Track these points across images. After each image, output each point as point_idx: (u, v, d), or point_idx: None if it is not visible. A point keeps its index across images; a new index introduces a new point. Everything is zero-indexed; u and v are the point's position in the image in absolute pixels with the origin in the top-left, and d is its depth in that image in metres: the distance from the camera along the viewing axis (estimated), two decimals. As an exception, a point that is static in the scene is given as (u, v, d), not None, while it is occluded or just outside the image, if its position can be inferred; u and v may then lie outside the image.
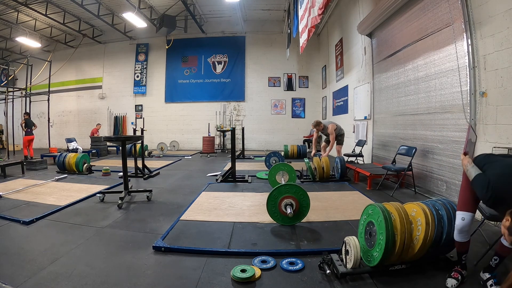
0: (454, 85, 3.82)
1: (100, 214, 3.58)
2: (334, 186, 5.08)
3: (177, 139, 12.23)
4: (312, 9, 5.98)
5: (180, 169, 7.25)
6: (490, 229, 2.91)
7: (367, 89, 6.89)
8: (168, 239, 2.72)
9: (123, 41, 12.96)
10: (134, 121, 12.77)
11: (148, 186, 4.83)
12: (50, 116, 10.46)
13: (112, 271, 2.19)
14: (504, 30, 2.95)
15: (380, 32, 6.22)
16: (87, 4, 9.61)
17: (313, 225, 3.13)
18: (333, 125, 6.36)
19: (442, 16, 4.06)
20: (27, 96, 8.84)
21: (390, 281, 2.00)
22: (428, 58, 4.48)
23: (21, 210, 3.68)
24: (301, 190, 3.08)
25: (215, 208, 3.75)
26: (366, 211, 2.24)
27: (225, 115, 12.53)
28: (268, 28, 12.36)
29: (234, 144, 5.69)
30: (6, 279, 2.03)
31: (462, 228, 1.92)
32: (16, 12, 10.26)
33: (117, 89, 13.26)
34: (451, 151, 3.93)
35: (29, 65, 8.92)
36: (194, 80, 12.87)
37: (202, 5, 11.08)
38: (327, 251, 2.28)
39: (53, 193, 4.60)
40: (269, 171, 4.92)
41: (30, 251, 2.51)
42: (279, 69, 12.54)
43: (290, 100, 12.66)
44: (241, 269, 2.11)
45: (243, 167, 7.03)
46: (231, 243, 2.67)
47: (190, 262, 2.34)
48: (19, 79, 12.85)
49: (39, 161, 7.27)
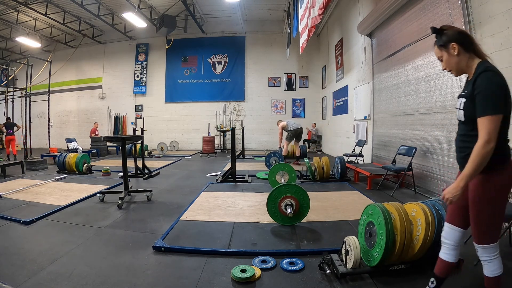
0: (454, 85, 3.82)
1: (100, 214, 3.58)
2: (334, 186, 5.08)
3: (177, 139, 12.23)
4: (312, 9, 5.98)
5: (180, 169, 7.25)
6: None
7: (367, 89, 6.89)
8: (168, 239, 2.72)
9: (123, 41, 12.97)
10: (134, 121, 12.78)
11: (148, 186, 4.83)
12: (50, 116, 10.45)
13: (112, 271, 2.19)
14: (504, 30, 2.96)
15: (380, 32, 6.22)
16: (87, 4, 9.62)
17: (313, 225, 3.13)
18: (283, 123, 7.88)
19: (442, 16, 4.06)
20: (27, 96, 8.82)
21: (390, 281, 2.00)
22: (428, 58, 4.48)
23: (21, 210, 3.68)
24: (301, 190, 3.08)
25: (215, 208, 3.75)
26: (366, 211, 2.23)
27: (225, 115, 12.53)
28: (268, 28, 12.37)
29: (234, 144, 5.69)
30: (6, 279, 2.03)
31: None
32: (16, 12, 10.27)
33: (117, 89, 13.27)
34: (451, 151, 3.93)
35: (29, 65, 8.90)
36: (194, 80, 12.88)
37: (202, 5, 11.08)
38: (327, 251, 2.28)
39: (53, 193, 4.60)
40: (269, 171, 4.91)
41: (30, 251, 2.50)
42: (279, 69, 12.54)
43: (290, 100, 12.66)
44: (241, 269, 2.11)
45: (243, 167, 7.03)
46: (231, 243, 2.67)
47: (190, 262, 2.34)
48: (19, 79, 12.85)
49: (39, 161, 7.27)
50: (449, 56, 1.53)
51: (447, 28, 1.54)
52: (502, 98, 1.36)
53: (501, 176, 1.43)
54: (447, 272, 1.67)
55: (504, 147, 1.43)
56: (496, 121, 1.34)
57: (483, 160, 1.35)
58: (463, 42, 1.49)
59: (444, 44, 1.53)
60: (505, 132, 1.42)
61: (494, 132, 1.34)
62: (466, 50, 1.49)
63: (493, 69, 1.41)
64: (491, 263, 1.53)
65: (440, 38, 1.55)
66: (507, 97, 1.38)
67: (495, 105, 1.35)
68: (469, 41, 1.50)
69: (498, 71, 1.41)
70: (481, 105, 1.37)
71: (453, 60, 1.53)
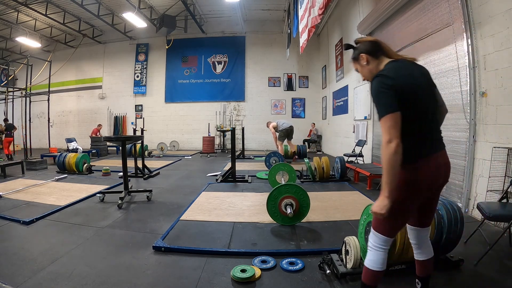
0: (454, 85, 3.82)
1: (100, 214, 3.58)
2: (334, 186, 5.07)
3: (177, 139, 12.23)
4: (312, 9, 5.98)
5: (180, 169, 7.25)
6: (490, 229, 2.91)
7: (367, 89, 6.88)
8: (168, 239, 2.72)
9: (123, 41, 12.96)
10: (134, 121, 12.78)
11: (148, 186, 4.83)
12: (50, 116, 10.45)
13: (112, 271, 2.19)
14: (504, 30, 2.95)
15: (380, 32, 6.22)
16: (87, 4, 9.62)
17: (313, 225, 3.13)
18: (273, 124, 8.03)
19: (442, 16, 4.05)
20: (27, 96, 8.82)
21: (390, 281, 2.00)
22: (428, 58, 4.48)
23: (21, 210, 3.67)
24: (301, 190, 3.08)
25: (215, 208, 3.75)
26: (366, 211, 2.23)
27: (225, 115, 12.53)
28: (268, 28, 12.37)
29: (234, 144, 5.68)
30: (6, 279, 2.03)
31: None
32: (16, 12, 10.27)
33: (117, 89, 13.27)
34: (451, 151, 3.93)
35: (29, 65, 8.90)
36: (194, 80, 12.88)
37: (202, 5, 11.08)
38: (327, 251, 2.28)
39: (53, 193, 4.60)
40: (269, 171, 4.91)
41: (30, 251, 2.50)
42: (279, 69, 12.54)
43: (290, 100, 12.66)
44: (241, 269, 2.11)
45: (243, 167, 7.03)
46: (231, 243, 2.67)
47: (190, 262, 2.34)
48: (19, 79, 12.85)
49: (39, 161, 7.27)
50: (361, 67, 1.59)
51: (358, 42, 1.61)
52: (389, 98, 1.35)
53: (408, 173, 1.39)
54: (419, 269, 1.66)
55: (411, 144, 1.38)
56: (391, 120, 1.33)
57: (389, 159, 1.32)
58: (370, 51, 1.54)
59: (356, 57, 1.60)
60: (412, 129, 1.38)
61: (392, 130, 1.32)
62: (375, 57, 1.54)
63: (381, 73, 1.43)
64: (371, 252, 1.53)
65: (353, 53, 1.62)
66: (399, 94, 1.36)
67: (384, 106, 1.36)
68: (375, 48, 1.54)
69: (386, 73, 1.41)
70: (376, 109, 1.40)
71: (365, 70, 1.58)
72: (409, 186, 1.40)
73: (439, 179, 1.48)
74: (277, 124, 7.95)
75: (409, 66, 1.47)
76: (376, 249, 1.51)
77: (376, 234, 1.52)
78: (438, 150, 1.47)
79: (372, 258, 1.52)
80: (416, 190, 1.42)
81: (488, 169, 3.12)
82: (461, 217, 2.14)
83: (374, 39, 1.58)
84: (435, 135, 1.48)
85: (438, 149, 1.47)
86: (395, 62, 1.49)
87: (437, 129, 1.51)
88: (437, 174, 1.45)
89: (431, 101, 1.49)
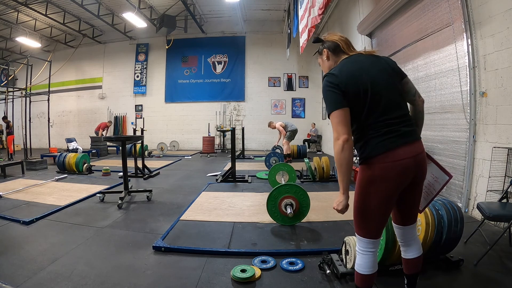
0: (454, 85, 3.81)
1: (100, 214, 3.58)
2: (334, 186, 5.07)
3: (177, 139, 12.23)
4: (312, 9, 5.98)
5: (180, 169, 7.25)
6: (490, 229, 2.91)
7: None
8: (168, 239, 2.72)
9: (123, 41, 12.96)
10: (134, 121, 12.77)
11: (148, 186, 4.83)
12: (50, 116, 10.45)
13: (112, 271, 2.19)
14: (504, 30, 2.95)
15: (380, 32, 6.22)
16: (87, 4, 9.61)
17: (313, 225, 3.13)
18: (281, 123, 8.34)
19: (442, 16, 4.05)
20: (27, 96, 8.82)
21: (390, 281, 2.00)
22: (428, 58, 4.48)
23: (21, 210, 3.68)
24: (301, 190, 3.08)
25: (215, 208, 3.75)
26: (366, 211, 2.23)
27: (225, 115, 12.53)
28: (268, 28, 12.36)
29: (234, 144, 5.69)
30: (6, 279, 2.03)
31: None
32: (16, 12, 10.26)
33: (117, 89, 13.26)
34: (451, 151, 3.93)
35: (29, 65, 8.90)
36: (194, 80, 12.87)
37: (202, 5, 11.08)
38: (327, 251, 2.28)
39: (53, 193, 4.60)
40: (269, 171, 4.92)
41: (30, 251, 2.50)
42: (279, 69, 12.53)
43: (290, 100, 12.66)
44: (241, 269, 2.11)
45: (243, 167, 7.03)
46: (231, 243, 2.67)
47: (190, 262, 2.34)
48: (19, 79, 12.84)
49: (39, 161, 7.26)
50: (322, 61, 1.65)
51: (326, 37, 1.63)
52: (334, 95, 1.38)
53: (370, 170, 1.38)
54: (406, 267, 1.65)
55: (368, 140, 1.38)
56: (338, 116, 1.35)
57: (337, 157, 1.34)
58: (331, 47, 1.58)
59: (320, 52, 1.65)
60: (367, 124, 1.38)
61: (339, 127, 1.33)
62: (334, 53, 1.58)
63: (330, 71, 1.46)
64: (359, 256, 1.51)
65: (319, 47, 1.66)
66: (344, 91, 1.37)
67: (330, 103, 1.38)
68: (336, 45, 1.57)
69: (333, 71, 1.44)
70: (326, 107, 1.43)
71: (325, 65, 1.63)
72: (372, 183, 1.38)
73: (409, 173, 1.38)
74: (285, 124, 8.29)
75: (361, 61, 1.47)
76: (364, 253, 1.49)
77: (359, 238, 1.50)
78: (408, 143, 1.38)
79: (360, 262, 1.50)
80: (381, 186, 1.36)
81: (488, 169, 3.12)
82: (461, 217, 2.14)
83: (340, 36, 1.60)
84: (402, 127, 1.39)
85: (407, 142, 1.37)
86: (347, 58, 1.51)
87: (404, 121, 1.42)
88: (405, 168, 1.35)
89: (391, 93, 1.42)
